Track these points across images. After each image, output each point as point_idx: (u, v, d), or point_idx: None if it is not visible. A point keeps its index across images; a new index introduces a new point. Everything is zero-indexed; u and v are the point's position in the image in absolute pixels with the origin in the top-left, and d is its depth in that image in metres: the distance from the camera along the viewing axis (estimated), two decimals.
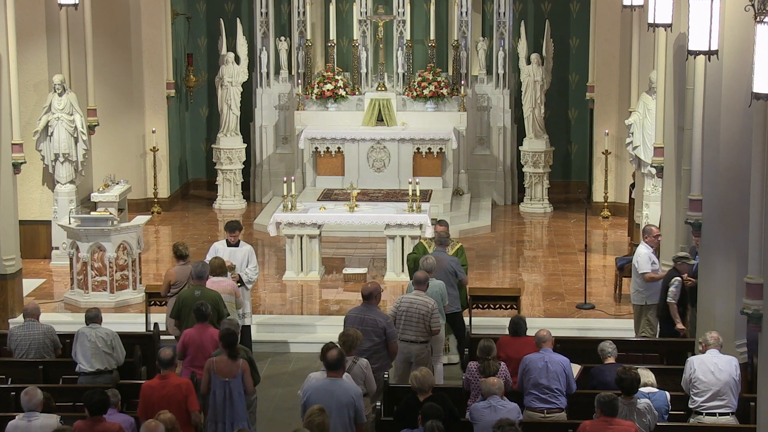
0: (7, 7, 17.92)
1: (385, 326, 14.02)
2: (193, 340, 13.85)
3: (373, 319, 14.02)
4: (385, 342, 14.01)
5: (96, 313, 14.37)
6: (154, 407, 12.00)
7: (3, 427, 11.74)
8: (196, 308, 14.02)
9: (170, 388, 12.33)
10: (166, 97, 24.92)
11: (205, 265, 15.39)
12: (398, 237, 20.04)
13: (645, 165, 20.08)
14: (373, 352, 13.89)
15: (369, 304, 14.20)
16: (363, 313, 14.12)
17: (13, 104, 18.21)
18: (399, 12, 24.89)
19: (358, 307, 14.34)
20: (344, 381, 12.14)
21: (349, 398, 11.95)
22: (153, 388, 12.42)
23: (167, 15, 24.82)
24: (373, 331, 13.94)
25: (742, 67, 13.02)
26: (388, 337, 14.03)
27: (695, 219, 14.90)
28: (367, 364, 13.07)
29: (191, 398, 12.36)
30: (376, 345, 13.97)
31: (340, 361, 12.13)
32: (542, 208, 24.91)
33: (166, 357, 12.56)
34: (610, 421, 11.57)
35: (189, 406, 12.35)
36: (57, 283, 20.21)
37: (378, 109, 24.55)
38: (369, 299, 14.21)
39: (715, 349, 13.23)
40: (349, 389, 12.04)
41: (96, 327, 14.25)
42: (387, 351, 14.09)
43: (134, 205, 23.53)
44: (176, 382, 12.45)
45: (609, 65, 24.14)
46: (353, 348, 13.00)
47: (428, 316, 14.63)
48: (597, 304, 18.85)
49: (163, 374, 12.50)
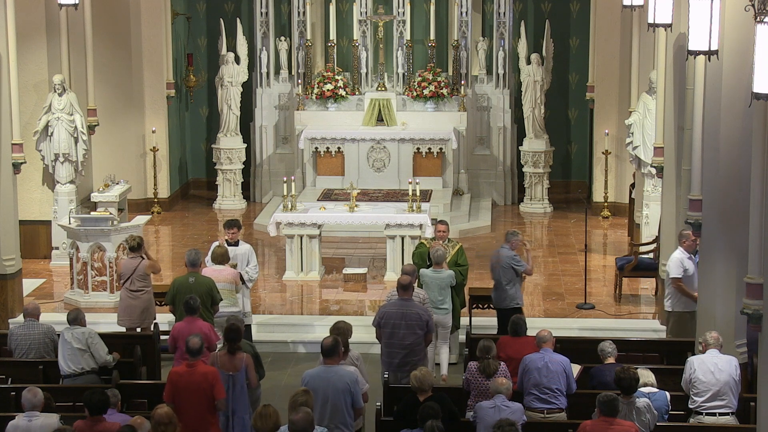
0: (7, 7, 17.92)
1: (428, 318, 14.36)
2: (182, 333, 14.06)
3: (416, 313, 14.29)
4: (424, 335, 14.32)
5: (76, 315, 14.32)
6: (180, 393, 12.38)
7: (3, 426, 11.74)
8: (185, 302, 14.33)
9: (197, 376, 12.59)
10: (166, 97, 24.91)
11: (198, 252, 15.76)
12: (398, 237, 20.04)
13: (645, 165, 20.08)
14: (416, 345, 14.22)
15: (407, 296, 14.40)
16: (404, 308, 14.34)
17: (13, 104, 18.21)
18: (399, 12, 24.90)
19: (396, 301, 14.49)
20: (340, 368, 12.44)
21: (344, 384, 12.24)
22: (181, 375, 12.67)
23: (167, 15, 24.82)
24: (417, 324, 14.24)
25: (742, 67, 13.02)
26: (429, 329, 14.36)
27: (695, 219, 14.90)
28: (359, 356, 13.35)
29: (217, 386, 12.62)
30: (419, 338, 14.26)
31: (335, 347, 12.42)
32: (542, 208, 24.91)
33: (194, 346, 12.73)
34: (610, 421, 11.58)
35: (215, 394, 12.59)
36: (57, 283, 20.21)
37: (378, 109, 24.55)
38: (407, 290, 14.37)
39: (715, 349, 13.24)
40: (344, 375, 12.33)
41: (74, 328, 14.23)
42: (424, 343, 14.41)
43: (134, 205, 23.53)
44: (203, 370, 12.68)
45: (609, 65, 24.15)
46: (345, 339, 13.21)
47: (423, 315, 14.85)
48: (597, 304, 18.85)
49: (191, 363, 12.70)
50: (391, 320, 14.28)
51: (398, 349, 14.26)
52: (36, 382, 13.79)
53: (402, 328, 14.25)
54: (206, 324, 14.40)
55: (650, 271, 18.94)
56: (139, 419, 11.41)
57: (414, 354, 14.20)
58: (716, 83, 13.84)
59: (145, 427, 11.35)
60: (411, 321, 14.22)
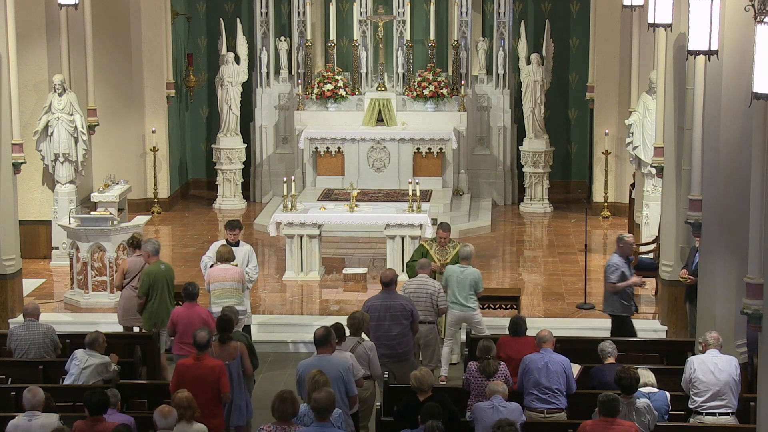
0: (7, 7, 17.92)
1: (412, 308, 14.66)
2: (182, 318, 14.56)
3: (399, 304, 14.59)
4: (410, 324, 14.58)
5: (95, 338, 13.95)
6: (186, 385, 12.47)
7: (3, 426, 11.74)
8: (184, 288, 14.74)
9: (204, 369, 12.82)
10: (166, 97, 24.91)
11: (157, 241, 16.48)
12: (398, 237, 20.05)
13: (645, 165, 20.08)
14: (403, 336, 14.54)
15: (389, 290, 14.70)
16: (387, 300, 14.65)
17: (13, 104, 18.21)
18: (399, 12, 24.89)
19: (379, 295, 14.84)
20: (332, 357, 12.66)
21: (337, 372, 12.43)
22: (188, 368, 12.91)
23: (167, 15, 24.82)
24: (402, 315, 14.54)
25: (742, 67, 13.03)
26: (414, 319, 14.61)
27: (695, 219, 14.91)
28: (372, 346, 13.62)
29: (223, 380, 12.86)
30: (405, 329, 14.56)
31: (326, 337, 12.68)
32: (542, 208, 24.91)
33: (202, 340, 12.94)
34: (610, 421, 11.58)
35: (221, 387, 12.85)
36: (57, 283, 20.21)
37: (378, 109, 24.55)
38: (389, 285, 14.72)
39: (715, 349, 13.24)
40: (337, 364, 12.53)
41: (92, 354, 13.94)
42: (411, 333, 14.67)
43: (134, 205, 23.52)
44: (210, 364, 12.91)
45: (609, 65, 24.15)
46: (360, 330, 13.64)
47: (435, 295, 15.46)
48: (597, 304, 18.82)
49: (199, 356, 12.93)
50: (375, 313, 14.51)
51: (385, 341, 14.46)
52: (36, 382, 13.78)
53: (387, 320, 14.53)
54: (204, 309, 14.86)
55: (650, 271, 18.93)
56: (166, 408, 11.53)
57: (402, 345, 14.47)
58: (716, 83, 13.84)
59: (173, 416, 11.48)
60: (395, 312, 14.51)
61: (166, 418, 11.43)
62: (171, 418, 11.46)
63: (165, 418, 11.43)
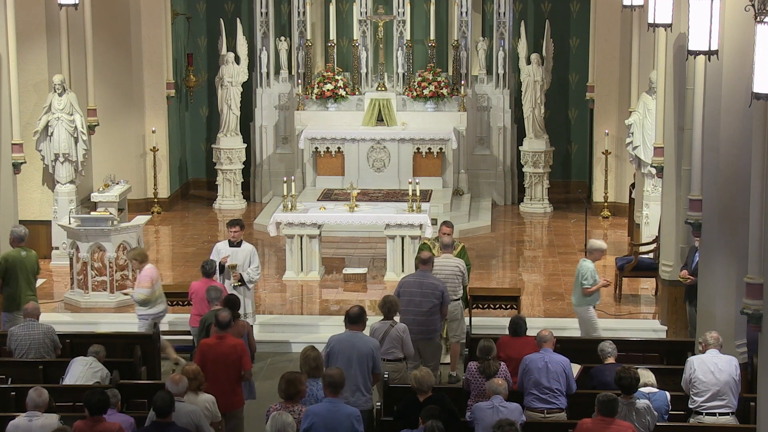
0: (7, 7, 17.93)
1: (443, 289, 15.33)
2: (197, 292, 15.68)
3: (432, 283, 15.30)
4: (440, 304, 15.26)
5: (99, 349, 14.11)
6: (209, 363, 13.08)
7: (3, 426, 11.75)
8: (202, 266, 15.91)
9: (225, 348, 13.26)
10: (166, 97, 24.91)
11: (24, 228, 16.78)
12: (398, 237, 20.05)
13: (645, 165, 20.09)
14: (432, 313, 15.21)
15: (426, 269, 15.46)
16: (421, 278, 15.38)
17: (13, 104, 18.22)
18: (399, 12, 24.90)
19: (414, 273, 15.77)
20: (364, 334, 13.33)
21: (368, 349, 13.09)
22: (210, 347, 13.32)
23: (167, 15, 24.82)
24: (432, 293, 15.24)
25: (742, 67, 13.03)
26: (444, 300, 15.31)
27: (695, 219, 14.91)
28: (405, 328, 14.26)
29: (245, 358, 13.38)
30: (435, 306, 15.24)
31: (360, 315, 13.28)
32: (542, 208, 24.91)
33: (224, 320, 13.33)
34: (608, 421, 11.58)
35: (243, 365, 13.34)
36: (57, 283, 20.21)
37: (378, 109, 24.55)
38: (426, 264, 15.47)
39: (715, 349, 13.23)
40: (368, 341, 13.24)
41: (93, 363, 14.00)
42: (440, 313, 15.37)
43: (134, 205, 23.52)
44: (232, 342, 13.34)
45: (609, 65, 24.15)
46: (392, 312, 14.30)
47: (459, 272, 16.10)
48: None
49: (221, 335, 13.31)
50: (409, 288, 15.27)
51: (414, 316, 15.10)
52: (36, 382, 13.77)
53: (418, 296, 15.22)
54: (219, 284, 15.69)
55: (650, 271, 18.95)
56: (177, 375, 12.07)
57: (431, 323, 15.19)
58: (716, 83, 13.85)
59: (183, 384, 11.98)
60: (427, 290, 15.20)
61: (177, 384, 11.92)
62: (182, 385, 11.95)
63: (176, 384, 11.92)
